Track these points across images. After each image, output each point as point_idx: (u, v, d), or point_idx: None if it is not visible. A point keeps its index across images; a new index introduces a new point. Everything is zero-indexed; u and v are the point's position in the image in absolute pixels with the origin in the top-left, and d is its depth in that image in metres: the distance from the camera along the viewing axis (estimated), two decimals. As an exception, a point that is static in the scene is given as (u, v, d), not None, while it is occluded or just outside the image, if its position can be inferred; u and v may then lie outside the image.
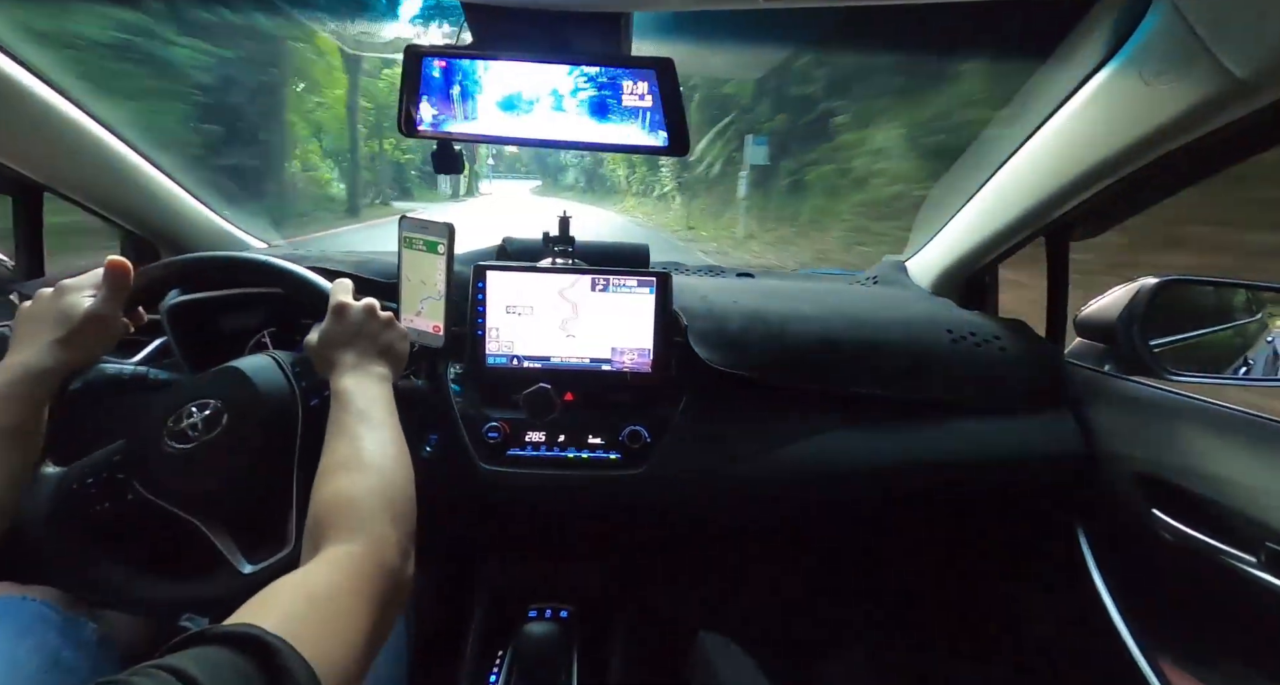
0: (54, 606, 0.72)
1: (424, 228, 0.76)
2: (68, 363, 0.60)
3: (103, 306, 0.62)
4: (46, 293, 0.63)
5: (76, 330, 0.60)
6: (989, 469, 0.88)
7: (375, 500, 0.50)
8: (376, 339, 0.67)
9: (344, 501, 0.49)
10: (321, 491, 0.51)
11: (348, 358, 0.64)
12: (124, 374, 0.80)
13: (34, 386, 0.58)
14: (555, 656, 0.82)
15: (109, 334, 0.64)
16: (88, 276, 0.64)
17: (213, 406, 0.70)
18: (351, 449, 0.55)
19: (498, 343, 0.85)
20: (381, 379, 0.64)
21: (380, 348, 0.67)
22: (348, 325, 0.66)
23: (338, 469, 0.53)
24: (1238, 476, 0.70)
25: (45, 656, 0.66)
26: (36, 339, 0.60)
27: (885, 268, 1.25)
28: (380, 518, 0.48)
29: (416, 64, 0.63)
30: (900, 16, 0.66)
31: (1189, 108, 0.65)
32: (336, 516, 0.48)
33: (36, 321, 0.61)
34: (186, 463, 0.67)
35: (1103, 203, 0.85)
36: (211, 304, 0.89)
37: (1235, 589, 0.69)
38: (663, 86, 0.60)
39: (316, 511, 0.49)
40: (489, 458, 0.83)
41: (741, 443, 0.85)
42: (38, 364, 0.58)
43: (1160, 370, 0.87)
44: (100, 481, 0.68)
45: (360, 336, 0.66)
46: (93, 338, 0.62)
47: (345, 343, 0.65)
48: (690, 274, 1.16)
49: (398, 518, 0.50)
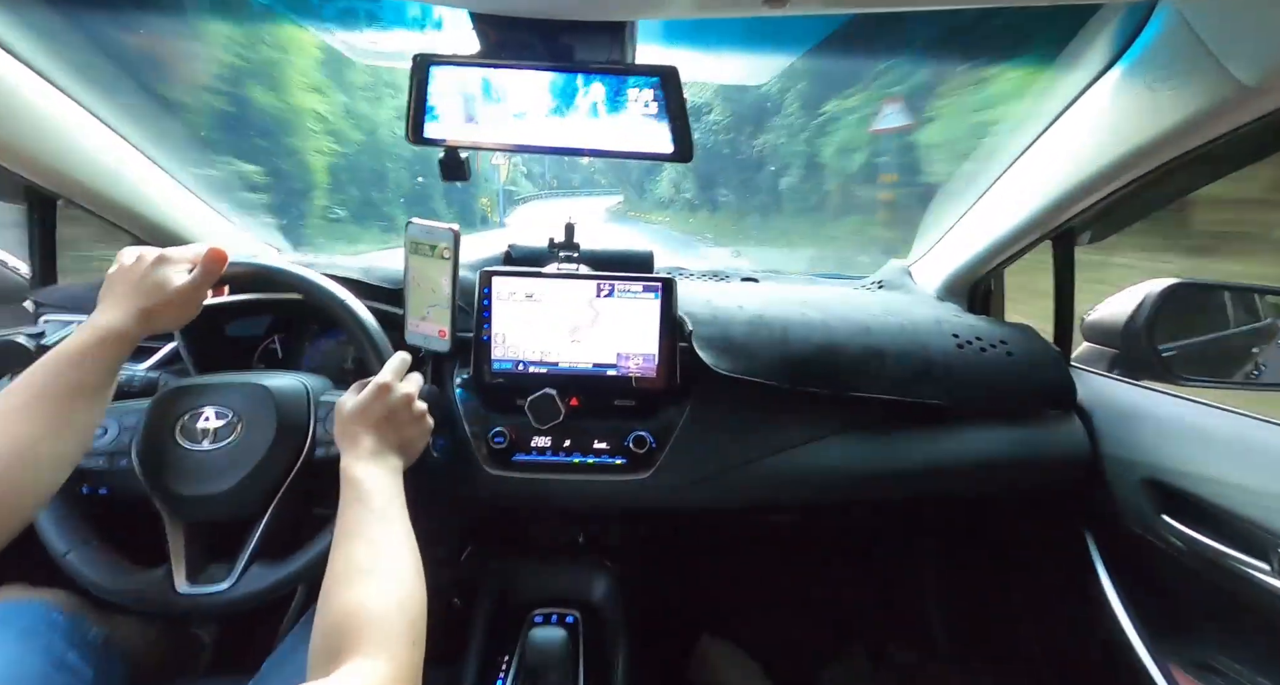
0: (61, 609, 0.73)
1: (430, 233, 0.77)
2: (146, 330, 0.62)
3: (194, 285, 0.64)
4: (149, 257, 0.64)
5: (164, 303, 0.62)
6: (996, 474, 0.88)
7: (400, 617, 0.49)
8: (402, 431, 0.67)
9: (369, 614, 0.48)
10: (343, 595, 0.50)
11: (368, 442, 0.63)
12: (135, 378, 0.81)
13: (113, 349, 0.59)
14: (561, 661, 0.82)
15: (190, 311, 0.66)
16: (187, 250, 0.67)
17: (230, 417, 0.71)
18: (372, 555, 0.54)
19: (503, 348, 0.86)
20: (396, 471, 0.64)
21: (402, 440, 0.67)
22: (383, 408, 0.65)
23: (360, 575, 0.52)
24: (1248, 482, 0.69)
25: (50, 658, 0.67)
26: (126, 302, 0.61)
27: (891, 272, 1.25)
28: (404, 637, 0.48)
29: (424, 72, 0.64)
30: (904, 23, 0.66)
31: (1194, 113, 0.65)
32: (361, 629, 0.47)
33: (130, 286, 0.62)
34: (186, 462, 0.68)
35: (1108, 208, 0.85)
36: (220, 310, 0.90)
37: (1246, 596, 0.68)
38: (667, 93, 0.61)
39: (338, 616, 0.48)
40: (494, 463, 0.84)
41: (747, 447, 0.85)
42: (122, 327, 0.60)
43: (1168, 374, 0.86)
44: (108, 437, 0.70)
45: (388, 423, 0.65)
46: (175, 312, 0.64)
47: (373, 424, 0.64)
48: (695, 279, 1.16)
49: (418, 640, 0.50)
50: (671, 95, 0.61)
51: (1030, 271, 1.06)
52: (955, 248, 1.11)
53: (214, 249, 0.66)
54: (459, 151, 0.69)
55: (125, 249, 0.67)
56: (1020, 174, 0.94)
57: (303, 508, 0.74)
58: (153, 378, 0.81)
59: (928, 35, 1.12)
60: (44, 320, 0.90)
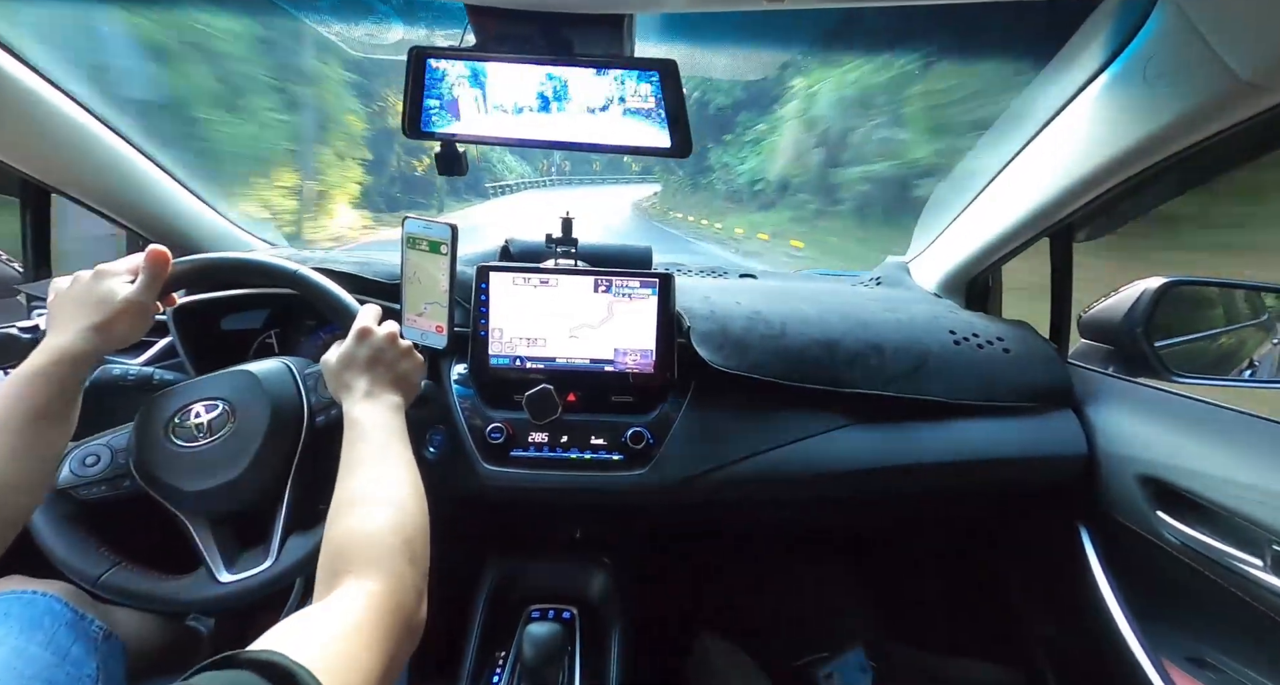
0: (64, 601, 0.73)
1: (427, 228, 0.76)
2: (103, 346, 0.61)
3: (140, 293, 0.63)
4: (85, 276, 0.63)
5: (114, 315, 0.61)
6: (992, 470, 0.88)
7: (395, 538, 0.50)
8: (394, 367, 0.67)
9: (364, 537, 0.49)
10: (341, 524, 0.51)
11: (362, 383, 0.64)
12: (129, 374, 0.80)
13: (70, 369, 0.58)
14: (558, 656, 0.82)
15: (144, 320, 0.64)
16: (125, 261, 0.65)
17: (221, 408, 0.70)
18: (370, 482, 0.55)
19: (501, 344, 0.85)
20: (395, 408, 0.64)
21: (396, 376, 0.67)
22: (368, 350, 0.66)
23: (357, 502, 0.53)
24: (1243, 478, 0.70)
25: (55, 650, 0.66)
26: (74, 322, 0.60)
27: (888, 269, 1.25)
28: (399, 557, 0.49)
29: (420, 65, 0.63)
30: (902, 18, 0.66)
31: (1193, 109, 0.65)
32: (356, 551, 0.48)
33: (74, 305, 0.61)
34: (187, 461, 0.68)
35: (1107, 204, 0.85)
36: (216, 305, 0.90)
37: (1239, 591, 0.69)
38: (666, 88, 0.61)
39: (336, 543, 0.49)
40: (492, 458, 0.84)
41: (744, 443, 0.85)
42: (74, 347, 0.58)
43: (1164, 371, 0.86)
44: (102, 464, 0.70)
45: (378, 363, 0.66)
46: (129, 323, 0.63)
47: (362, 368, 0.65)
48: (692, 275, 1.16)
49: (415, 558, 0.51)
50: (670, 89, 0.61)
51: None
52: (953, 244, 1.11)
53: (154, 249, 0.64)
54: (456, 145, 0.68)
55: (55, 278, 0.66)
56: (1018, 170, 0.93)
57: (322, 475, 0.74)
58: (147, 373, 0.81)
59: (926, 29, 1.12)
60: (37, 314, 0.90)
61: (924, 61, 3.33)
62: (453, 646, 0.89)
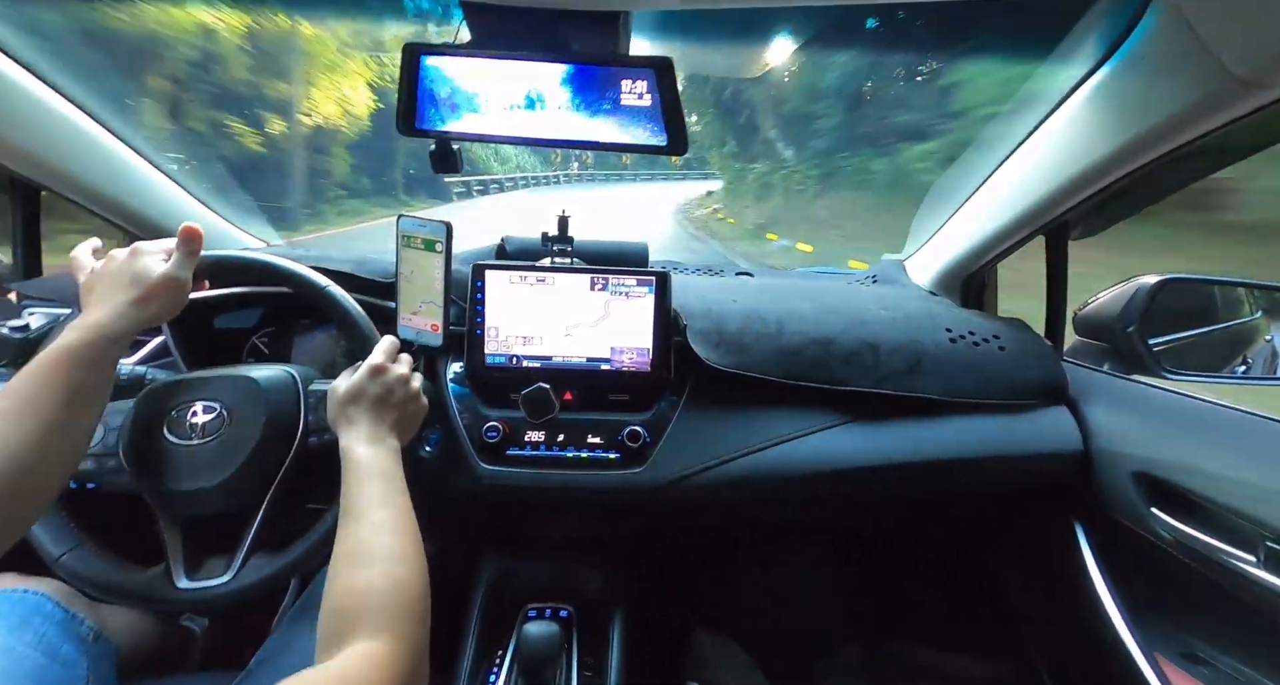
0: (54, 600, 0.72)
1: (421, 226, 0.76)
2: (141, 322, 0.60)
3: (178, 268, 0.63)
4: (121, 254, 0.63)
5: (152, 291, 0.61)
6: (988, 467, 0.88)
7: (400, 597, 0.50)
8: (401, 408, 0.67)
9: (369, 596, 0.49)
10: (344, 580, 0.50)
11: (365, 421, 0.63)
12: (121, 373, 0.80)
13: (108, 347, 0.57)
14: (555, 656, 0.82)
15: (181, 296, 0.64)
16: (160, 242, 0.65)
17: (218, 411, 0.70)
18: (374, 534, 0.54)
19: (497, 342, 0.85)
20: (395, 452, 0.64)
21: (401, 418, 0.67)
22: (379, 387, 0.65)
23: (361, 558, 0.52)
24: (1236, 475, 0.70)
25: (44, 649, 0.66)
26: (112, 299, 0.60)
27: (884, 267, 1.25)
28: (404, 617, 0.49)
29: (414, 62, 0.63)
30: (899, 16, 0.65)
31: (1188, 106, 0.65)
32: (361, 610, 0.48)
33: (111, 282, 0.61)
34: (174, 458, 0.68)
35: (1102, 202, 0.85)
36: (209, 304, 0.89)
37: (1233, 587, 0.69)
38: (661, 86, 0.60)
39: (339, 601, 0.49)
40: (488, 457, 0.83)
41: (741, 442, 0.85)
42: (112, 324, 0.58)
43: (1159, 369, 0.87)
44: (93, 438, 0.69)
45: (386, 402, 0.66)
46: (167, 299, 0.62)
47: (370, 404, 0.65)
48: (689, 273, 1.15)
49: (419, 615, 0.51)
50: (665, 87, 0.60)
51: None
52: (949, 242, 1.11)
53: (188, 226, 0.64)
54: (450, 143, 0.68)
55: (79, 249, 0.65)
56: (1014, 168, 0.94)
57: (299, 497, 0.73)
58: (139, 372, 0.80)
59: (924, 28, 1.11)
60: (27, 312, 0.89)
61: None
62: (450, 645, 0.89)
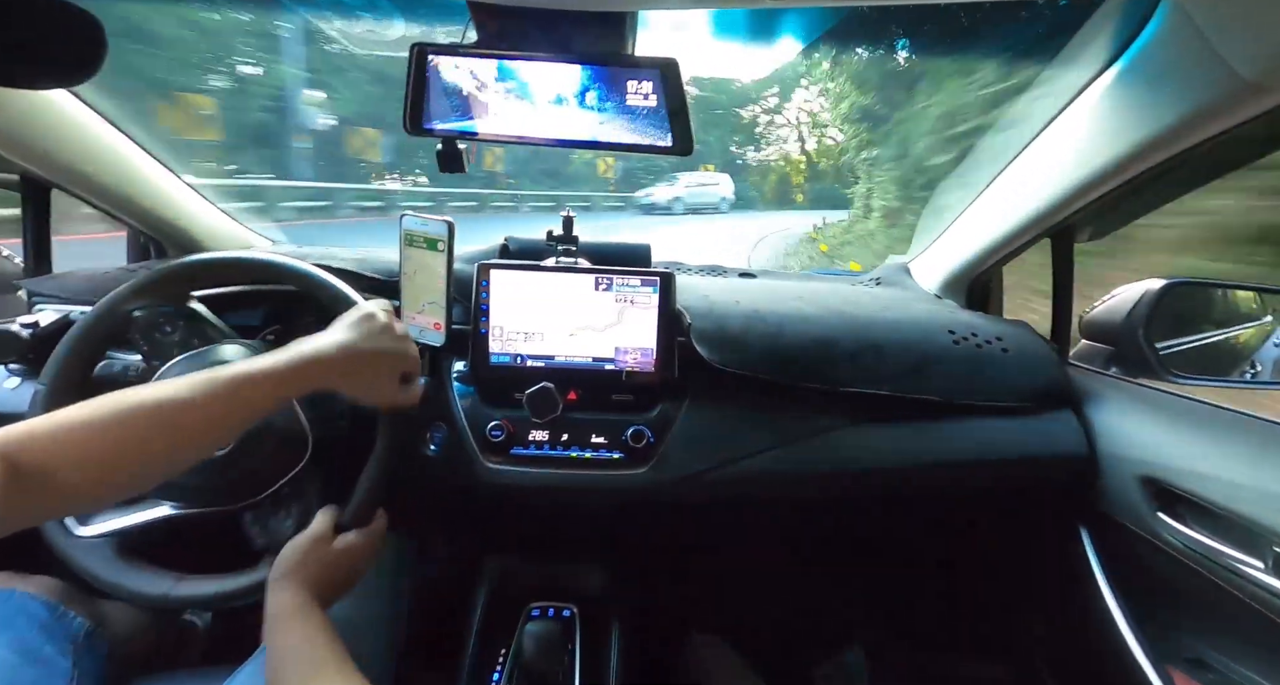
0: (45, 600, 0.71)
1: (424, 225, 0.76)
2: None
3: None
4: (401, 331, 0.66)
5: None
6: (992, 469, 0.88)
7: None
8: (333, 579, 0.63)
9: None
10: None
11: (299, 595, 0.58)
12: (130, 368, 0.80)
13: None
14: (557, 655, 0.82)
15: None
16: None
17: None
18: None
19: (501, 342, 0.85)
20: (321, 618, 0.57)
21: (329, 588, 0.62)
22: (317, 563, 0.62)
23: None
24: (1244, 480, 0.70)
25: (21, 651, 0.65)
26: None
27: (888, 269, 1.25)
28: None
29: (422, 62, 0.63)
30: (906, 17, 0.65)
31: (1195, 109, 0.65)
32: None
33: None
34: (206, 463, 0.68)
35: (1108, 205, 0.85)
36: (213, 302, 0.90)
37: (1241, 593, 0.69)
38: (667, 86, 0.60)
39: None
40: (492, 456, 0.83)
41: (744, 443, 0.85)
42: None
43: (1165, 373, 0.86)
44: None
45: (320, 578, 0.61)
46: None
47: (308, 579, 0.60)
48: (692, 274, 1.16)
49: None
50: (672, 87, 0.60)
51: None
52: (954, 245, 1.11)
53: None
54: (456, 143, 0.68)
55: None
56: (1020, 171, 0.93)
57: (361, 437, 0.73)
58: (145, 366, 0.81)
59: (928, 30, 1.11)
60: (38, 309, 0.89)
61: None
62: (452, 644, 0.89)
